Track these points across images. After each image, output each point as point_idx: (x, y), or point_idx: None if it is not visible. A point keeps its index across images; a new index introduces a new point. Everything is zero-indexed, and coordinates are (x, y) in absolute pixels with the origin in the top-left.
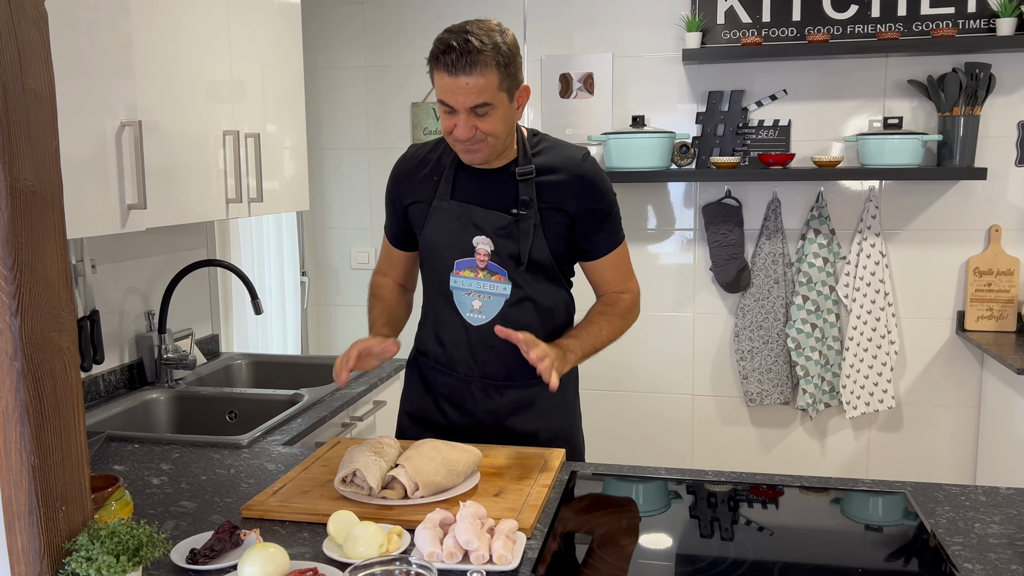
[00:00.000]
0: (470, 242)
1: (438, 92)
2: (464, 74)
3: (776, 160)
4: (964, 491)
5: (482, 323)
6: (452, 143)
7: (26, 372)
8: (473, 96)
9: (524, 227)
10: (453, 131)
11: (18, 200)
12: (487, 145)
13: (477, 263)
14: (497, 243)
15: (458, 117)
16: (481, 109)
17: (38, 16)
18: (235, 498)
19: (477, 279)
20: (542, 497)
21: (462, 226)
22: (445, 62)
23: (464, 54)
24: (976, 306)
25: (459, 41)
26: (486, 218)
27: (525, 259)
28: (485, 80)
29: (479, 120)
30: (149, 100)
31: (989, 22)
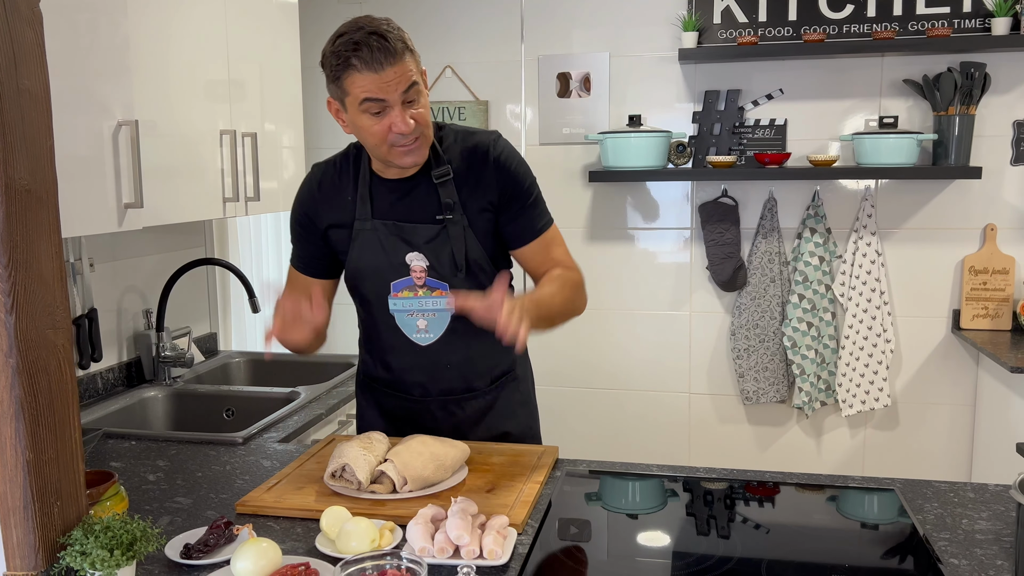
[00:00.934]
0: (403, 260)
1: (362, 93)
2: (388, 65)
3: (772, 159)
4: (953, 488)
5: (431, 341)
6: (385, 152)
7: (21, 369)
8: (403, 82)
9: (455, 231)
10: (389, 131)
11: (13, 199)
12: (424, 139)
13: (415, 281)
14: (431, 255)
15: (392, 113)
16: (411, 93)
17: (32, 16)
18: (230, 494)
19: (418, 298)
20: (534, 494)
21: (391, 245)
22: (365, 59)
23: (381, 45)
24: (971, 305)
25: (366, 37)
26: (414, 232)
27: (463, 265)
28: (409, 62)
29: (412, 109)
30: (146, 99)
31: (984, 22)
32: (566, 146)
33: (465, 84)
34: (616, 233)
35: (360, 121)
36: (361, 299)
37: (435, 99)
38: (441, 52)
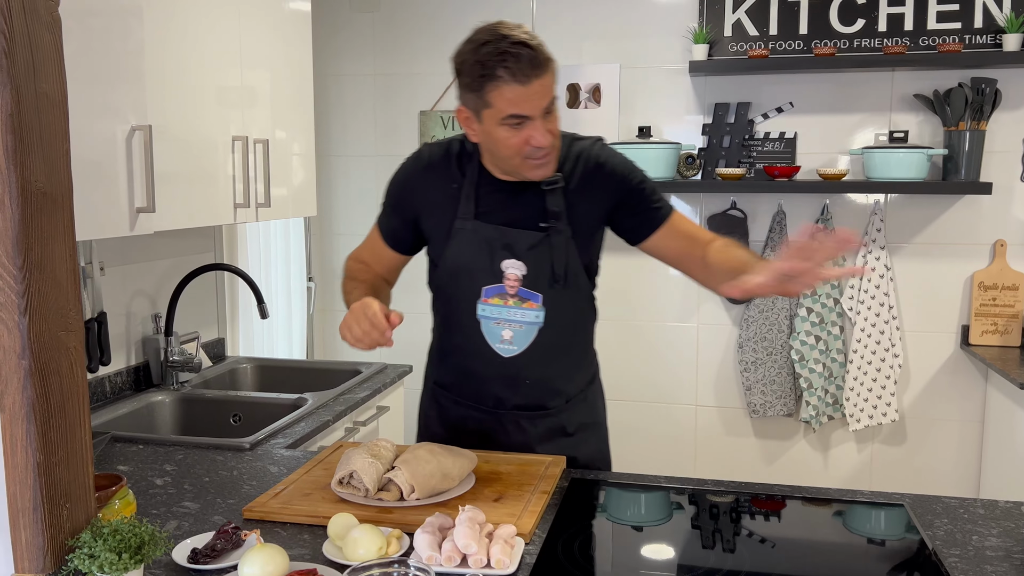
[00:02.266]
0: (499, 267)
1: (505, 108)
2: (535, 77)
3: (782, 172)
4: (963, 504)
5: (514, 354)
6: (518, 164)
7: (33, 370)
8: (546, 96)
9: (557, 241)
10: (526, 144)
11: (29, 201)
12: (554, 150)
13: (507, 289)
14: (530, 263)
15: (532, 127)
16: (550, 107)
17: (51, 21)
18: (237, 499)
19: (507, 307)
20: (542, 503)
21: (489, 249)
22: (512, 71)
23: (530, 56)
24: (981, 320)
25: (515, 46)
26: (517, 238)
27: (562, 276)
28: (552, 77)
29: (550, 122)
30: (160, 105)
31: (995, 38)
32: None
33: None
34: (623, 245)
35: (497, 132)
36: (447, 300)
37: (445, 108)
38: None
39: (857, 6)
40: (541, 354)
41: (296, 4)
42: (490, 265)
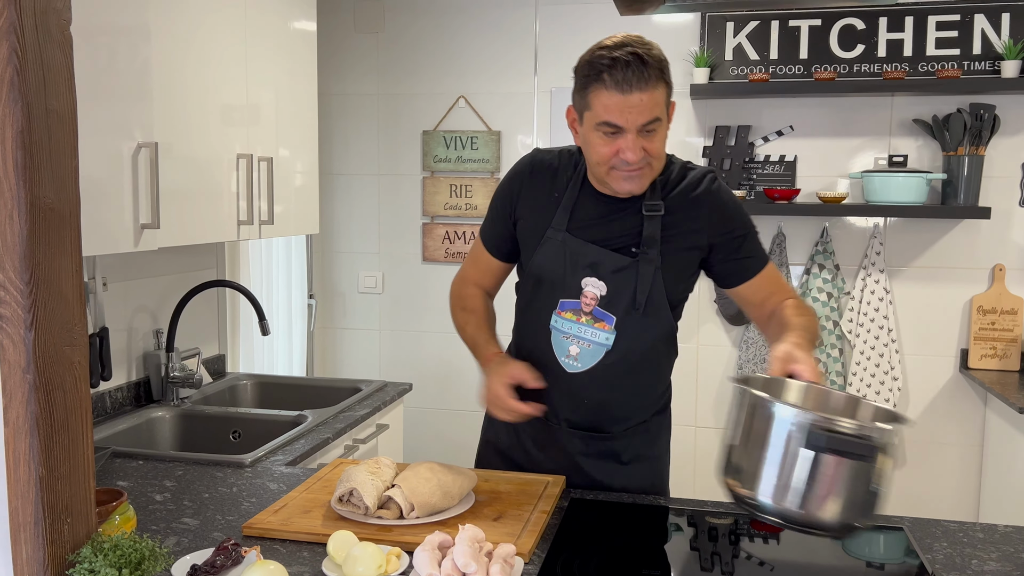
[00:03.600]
0: (579, 283)
1: (601, 113)
2: (638, 90)
3: (781, 195)
4: (962, 528)
5: (577, 371)
6: (605, 172)
7: (38, 385)
8: (646, 113)
9: (644, 269)
10: (616, 155)
11: (37, 217)
12: (650, 170)
13: (582, 306)
14: (612, 285)
15: (624, 139)
16: (651, 126)
17: (63, 40)
18: (237, 516)
19: (579, 323)
20: (541, 523)
21: (573, 264)
22: (615, 79)
23: (638, 69)
24: (980, 344)
25: (628, 55)
26: (604, 258)
27: (642, 305)
28: (658, 95)
29: (647, 140)
30: (166, 122)
31: (994, 64)
32: None
33: (478, 114)
34: None
35: (591, 137)
36: (526, 305)
37: (448, 128)
38: (456, 83)
39: (857, 32)
40: (605, 377)
41: (301, 24)
42: (572, 280)
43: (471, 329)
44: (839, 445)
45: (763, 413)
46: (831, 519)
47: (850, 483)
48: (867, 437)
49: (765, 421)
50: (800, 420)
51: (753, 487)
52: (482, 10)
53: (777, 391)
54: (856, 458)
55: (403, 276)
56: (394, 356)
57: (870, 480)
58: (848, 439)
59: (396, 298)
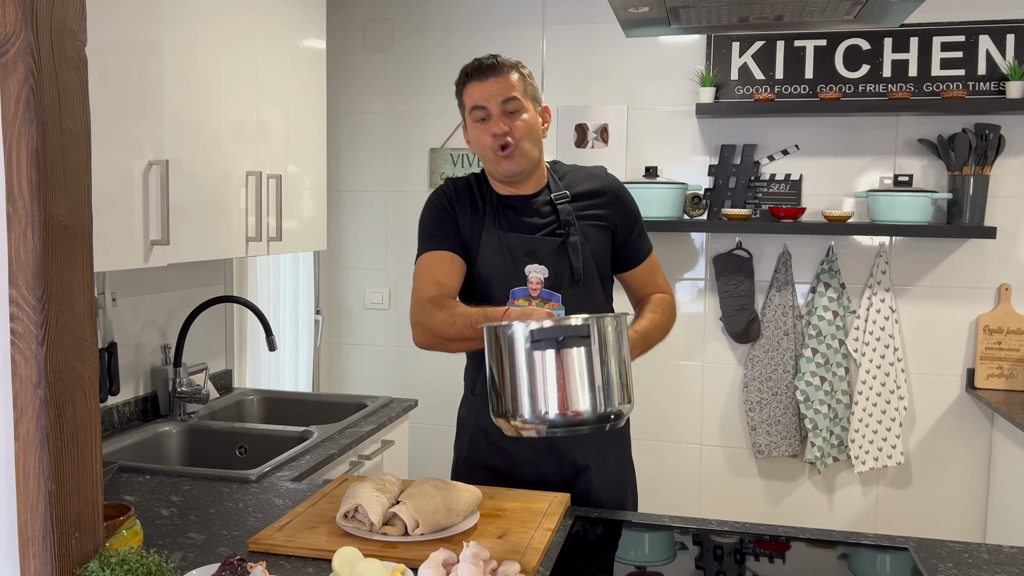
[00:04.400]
0: (522, 271)
1: (470, 103)
2: (493, 76)
3: (787, 213)
4: (967, 548)
5: None
6: (490, 157)
7: (48, 400)
8: (504, 92)
9: (573, 245)
10: (491, 138)
11: (50, 234)
12: (521, 151)
13: (530, 292)
14: (551, 266)
15: (491, 121)
16: (510, 105)
17: (78, 61)
18: (242, 531)
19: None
20: (545, 541)
21: (513, 256)
22: (477, 74)
23: (492, 65)
24: (986, 364)
25: (486, 58)
26: (538, 245)
27: (581, 274)
28: (513, 81)
29: (510, 119)
30: (176, 139)
31: (998, 85)
32: None
33: None
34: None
35: (474, 132)
36: (479, 303)
37: (455, 146)
38: None
39: (862, 52)
40: None
41: (311, 43)
42: (516, 269)
43: (461, 310)
44: (548, 335)
45: (498, 338)
46: (587, 410)
47: (582, 370)
48: (571, 327)
49: (504, 345)
50: (519, 331)
51: (516, 412)
52: (489, 29)
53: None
54: (569, 345)
55: (409, 292)
56: (400, 372)
57: (598, 364)
58: (554, 329)
59: (402, 314)
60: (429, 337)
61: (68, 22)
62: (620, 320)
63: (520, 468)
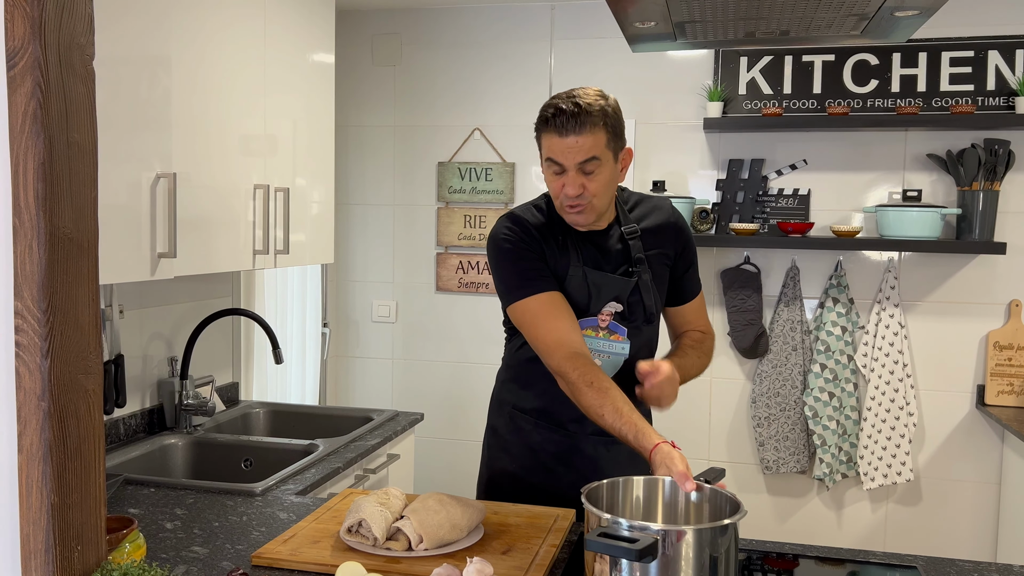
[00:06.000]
0: (602, 307)
1: (546, 152)
2: (574, 133)
3: (795, 228)
4: (977, 567)
5: None
6: (559, 207)
7: (52, 412)
8: (582, 153)
9: (644, 283)
10: (562, 190)
11: (56, 247)
12: (592, 206)
13: (599, 322)
14: (627, 306)
15: (566, 176)
16: (589, 166)
17: (86, 74)
18: (246, 545)
19: (597, 338)
20: (550, 557)
21: (598, 292)
22: (555, 124)
23: (574, 116)
24: (996, 380)
25: (568, 104)
26: (617, 282)
27: (654, 311)
28: (595, 138)
29: (587, 178)
30: (184, 153)
31: (1008, 100)
32: None
33: (493, 146)
34: None
35: (546, 175)
36: None
37: (463, 160)
38: (471, 115)
39: (870, 67)
40: (623, 384)
41: (320, 57)
42: (596, 306)
43: (612, 405)
44: (607, 550)
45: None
46: None
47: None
48: (632, 539)
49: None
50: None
51: None
52: (498, 44)
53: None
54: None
55: (416, 306)
56: (406, 385)
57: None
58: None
59: (409, 327)
60: (576, 403)
61: (76, 36)
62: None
63: (551, 476)
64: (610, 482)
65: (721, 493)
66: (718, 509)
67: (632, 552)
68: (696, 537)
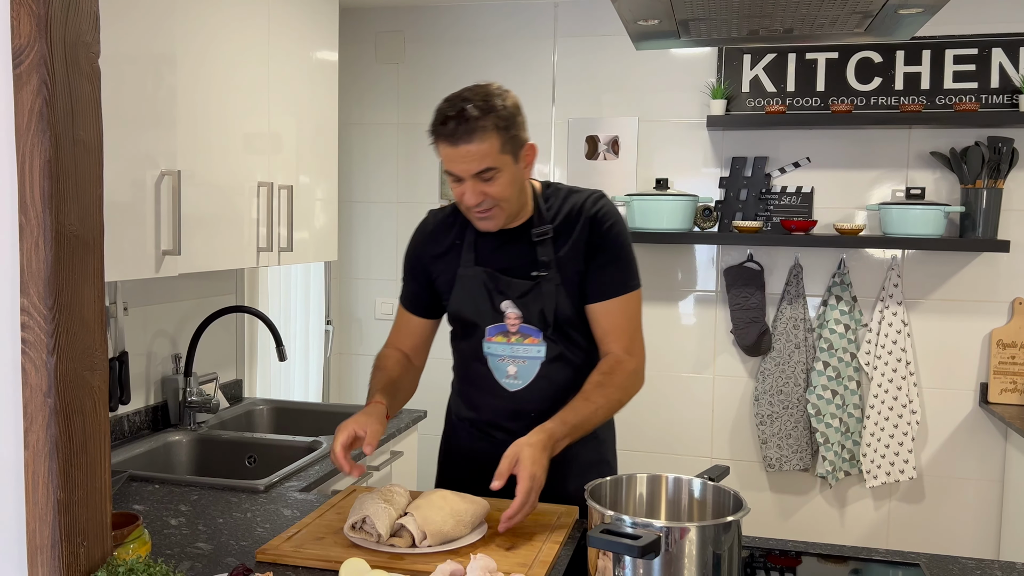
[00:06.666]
0: (499, 307)
1: (443, 162)
2: (464, 142)
3: (798, 226)
4: (979, 565)
5: (519, 388)
6: (465, 212)
7: (58, 409)
8: (476, 163)
9: (547, 289)
10: (463, 199)
11: (62, 244)
12: (500, 210)
13: (508, 328)
14: (523, 308)
15: (465, 185)
16: (486, 174)
17: (92, 72)
18: (250, 542)
19: (510, 344)
20: (553, 554)
21: (488, 292)
22: (444, 132)
23: (461, 123)
24: (1000, 378)
25: (455, 111)
26: (509, 285)
27: (551, 320)
28: (487, 146)
29: (486, 185)
30: (189, 150)
31: (1012, 98)
32: None
33: None
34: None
35: (450, 184)
36: (459, 339)
37: None
38: None
39: (874, 65)
40: (545, 388)
41: (323, 55)
42: (491, 306)
43: (374, 382)
44: (609, 547)
45: None
46: None
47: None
48: (634, 536)
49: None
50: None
51: None
52: (501, 42)
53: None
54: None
55: None
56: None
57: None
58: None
59: None
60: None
61: (82, 34)
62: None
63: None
64: (613, 479)
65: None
66: (721, 506)
67: (635, 549)
68: (699, 534)
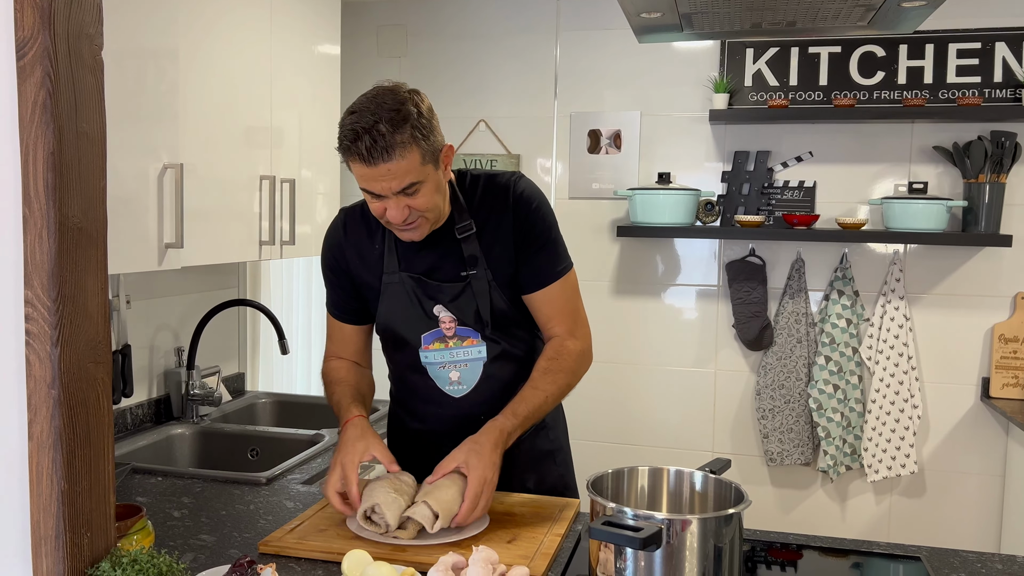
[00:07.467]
0: (431, 312)
1: (358, 181)
2: (383, 161)
3: (801, 220)
4: (981, 558)
5: (464, 393)
6: (386, 225)
7: (62, 400)
8: (397, 180)
9: (479, 287)
10: (385, 215)
11: (65, 236)
12: (425, 220)
13: (444, 332)
14: (457, 312)
15: (387, 201)
16: (410, 189)
17: (95, 64)
18: (253, 534)
19: (449, 349)
20: (554, 546)
21: (418, 299)
22: (358, 151)
23: (378, 139)
24: (1001, 373)
25: (368, 126)
26: (439, 290)
27: (488, 319)
28: (407, 162)
29: (410, 199)
30: (191, 144)
31: (1015, 92)
32: (595, 201)
33: (498, 138)
34: (642, 288)
35: (367, 199)
36: (393, 352)
37: (468, 151)
38: (476, 106)
39: (877, 59)
40: (492, 387)
41: (326, 49)
42: (423, 312)
43: (337, 396)
44: (611, 539)
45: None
46: None
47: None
48: (635, 528)
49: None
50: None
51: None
52: (503, 36)
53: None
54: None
55: None
56: None
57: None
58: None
59: None
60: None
61: (85, 26)
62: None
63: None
64: (615, 471)
65: (725, 482)
66: (723, 499)
67: (636, 541)
68: (700, 526)
